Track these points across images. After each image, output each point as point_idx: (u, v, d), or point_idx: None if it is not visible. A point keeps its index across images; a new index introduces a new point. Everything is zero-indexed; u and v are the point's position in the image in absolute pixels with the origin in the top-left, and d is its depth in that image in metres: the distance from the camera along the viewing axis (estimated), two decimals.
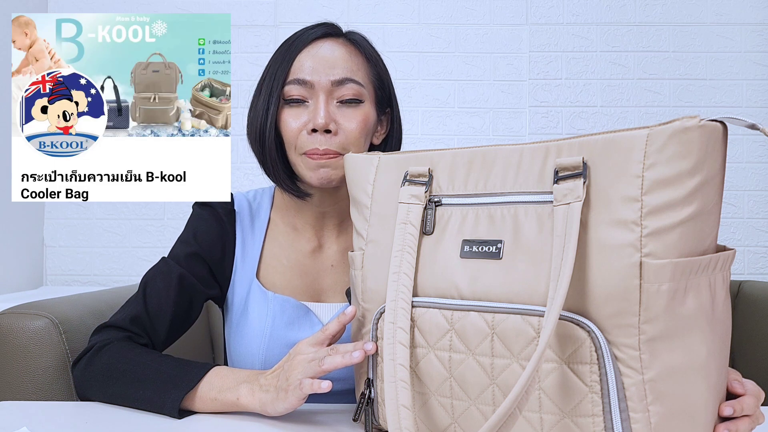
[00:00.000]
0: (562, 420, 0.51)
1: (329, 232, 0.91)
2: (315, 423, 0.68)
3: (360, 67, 0.84)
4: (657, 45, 1.93)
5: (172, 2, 1.95)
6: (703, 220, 0.50)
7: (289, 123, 0.82)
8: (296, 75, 0.81)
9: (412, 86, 1.95)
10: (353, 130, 0.81)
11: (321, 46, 0.83)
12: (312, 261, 0.90)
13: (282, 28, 1.95)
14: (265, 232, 0.90)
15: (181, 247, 0.87)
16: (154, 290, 0.83)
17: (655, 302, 0.48)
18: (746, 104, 1.92)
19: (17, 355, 0.81)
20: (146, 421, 0.69)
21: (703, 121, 0.48)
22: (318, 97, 0.81)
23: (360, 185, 0.68)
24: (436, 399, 0.59)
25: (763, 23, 1.92)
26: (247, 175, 1.91)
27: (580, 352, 0.50)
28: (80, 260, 1.95)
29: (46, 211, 1.95)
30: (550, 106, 1.95)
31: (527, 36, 1.95)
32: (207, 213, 0.89)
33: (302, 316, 0.85)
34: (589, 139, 0.52)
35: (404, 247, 0.60)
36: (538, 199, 0.54)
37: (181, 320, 0.85)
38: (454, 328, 0.56)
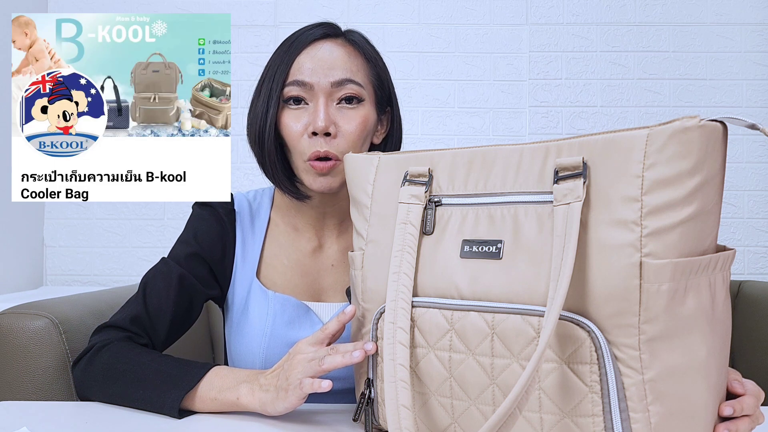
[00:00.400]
0: (562, 420, 0.51)
1: (329, 231, 0.91)
2: (315, 423, 0.68)
3: (359, 68, 0.84)
4: (657, 45, 1.93)
5: (172, 2, 1.95)
6: (703, 220, 0.50)
7: (289, 125, 0.82)
8: (296, 76, 0.81)
9: (412, 86, 1.95)
10: (353, 132, 0.81)
11: (320, 47, 0.83)
12: (312, 260, 0.90)
13: (282, 28, 1.95)
14: (265, 231, 0.90)
15: (181, 248, 0.87)
16: (154, 290, 0.83)
17: (655, 302, 0.48)
18: (746, 104, 1.92)
19: (17, 355, 0.81)
20: (146, 421, 0.69)
21: (703, 121, 0.48)
22: (318, 99, 0.81)
23: (360, 185, 0.68)
24: (436, 399, 0.59)
25: (763, 23, 1.92)
26: (247, 175, 1.91)
27: (580, 352, 0.50)
28: (80, 260, 1.95)
29: (46, 211, 1.95)
30: (550, 106, 1.95)
31: (527, 36, 1.95)
32: (207, 213, 0.89)
33: (302, 316, 0.85)
34: (589, 139, 0.52)
35: (404, 247, 0.60)
36: (538, 199, 0.54)
37: (181, 320, 0.85)
38: (454, 328, 0.56)
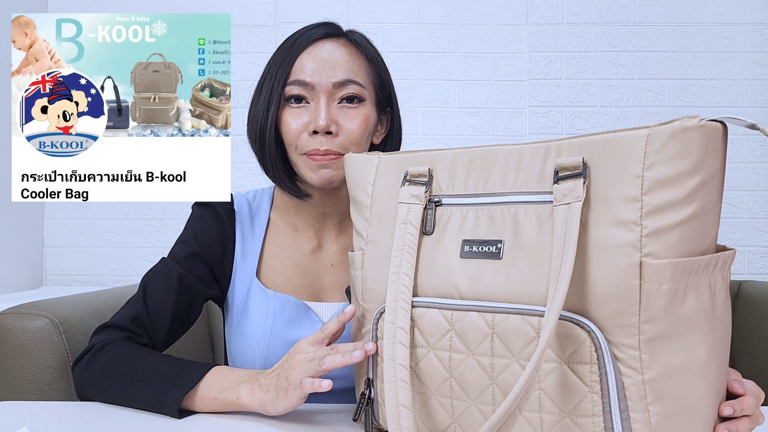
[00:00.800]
0: (562, 420, 0.51)
1: (329, 231, 0.91)
2: (315, 423, 0.68)
3: (361, 68, 0.84)
4: (657, 45, 1.93)
5: (172, 2, 1.95)
6: (703, 220, 0.50)
7: (289, 123, 0.82)
8: (297, 76, 0.82)
9: (412, 86, 1.95)
10: (354, 131, 0.82)
11: (322, 47, 0.83)
12: (312, 260, 0.90)
13: (282, 28, 1.95)
14: (265, 231, 0.90)
15: (180, 248, 0.87)
16: (154, 290, 0.83)
17: (655, 302, 0.48)
18: (746, 104, 1.92)
19: (17, 355, 0.81)
20: (146, 421, 0.69)
21: (703, 121, 0.48)
22: (319, 99, 0.81)
23: (360, 185, 0.68)
24: (436, 399, 0.59)
25: (763, 23, 1.92)
26: (247, 175, 1.91)
27: (580, 352, 0.50)
28: (80, 260, 1.95)
29: (46, 211, 1.95)
30: (550, 106, 1.95)
31: (527, 36, 1.95)
32: (207, 213, 0.89)
33: (302, 315, 0.85)
34: (589, 139, 0.52)
35: (404, 247, 0.60)
36: (538, 199, 0.54)
37: (182, 320, 0.85)
38: (454, 328, 0.56)
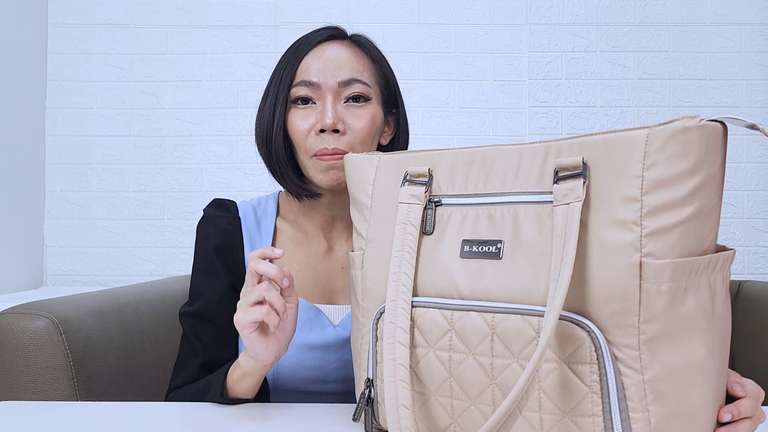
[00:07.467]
0: (562, 420, 0.51)
1: (338, 234, 0.91)
2: (315, 423, 0.69)
3: (366, 68, 0.85)
4: (657, 45, 1.93)
5: (172, 2, 1.95)
6: (703, 220, 0.50)
7: (297, 124, 0.82)
8: (303, 77, 0.82)
9: (412, 86, 1.95)
10: (361, 129, 0.82)
11: (327, 48, 0.83)
12: (322, 263, 0.90)
13: (282, 29, 1.95)
14: (273, 236, 0.90)
15: (200, 279, 0.89)
16: (203, 334, 0.86)
17: (655, 302, 0.48)
18: (746, 104, 1.92)
19: (17, 355, 0.81)
20: (146, 421, 0.69)
21: (703, 121, 0.48)
22: (325, 98, 0.81)
23: (360, 185, 0.68)
24: (435, 399, 0.59)
25: (763, 23, 1.92)
26: (247, 175, 1.91)
27: (580, 352, 0.50)
28: (80, 260, 1.95)
29: (46, 211, 1.95)
30: (550, 106, 1.95)
31: (527, 36, 1.95)
32: (212, 229, 0.89)
33: (313, 318, 0.85)
34: (589, 139, 0.52)
35: (404, 247, 0.60)
36: (538, 199, 0.55)
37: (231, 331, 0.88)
38: (454, 328, 0.56)
